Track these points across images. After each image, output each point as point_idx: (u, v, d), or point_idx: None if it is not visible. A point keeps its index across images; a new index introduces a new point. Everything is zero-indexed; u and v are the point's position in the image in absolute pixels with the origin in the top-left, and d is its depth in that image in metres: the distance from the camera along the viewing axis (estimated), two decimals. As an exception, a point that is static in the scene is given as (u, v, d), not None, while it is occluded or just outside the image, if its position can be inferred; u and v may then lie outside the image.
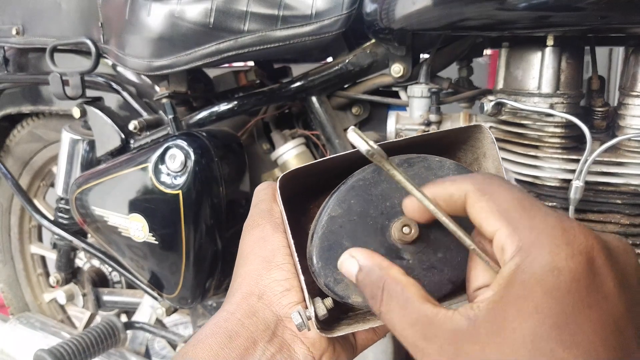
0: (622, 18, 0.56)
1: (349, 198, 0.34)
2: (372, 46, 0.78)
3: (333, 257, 0.34)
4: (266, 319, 0.37)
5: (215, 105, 0.88)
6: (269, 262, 0.39)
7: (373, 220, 0.34)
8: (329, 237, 0.34)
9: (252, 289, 0.38)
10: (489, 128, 0.73)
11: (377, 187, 0.35)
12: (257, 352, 0.36)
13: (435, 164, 0.35)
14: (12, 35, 1.02)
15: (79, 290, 1.23)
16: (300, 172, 0.37)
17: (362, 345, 0.41)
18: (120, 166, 0.83)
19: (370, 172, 0.35)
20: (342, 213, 0.34)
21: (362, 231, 0.34)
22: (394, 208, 0.34)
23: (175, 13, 0.78)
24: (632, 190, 0.66)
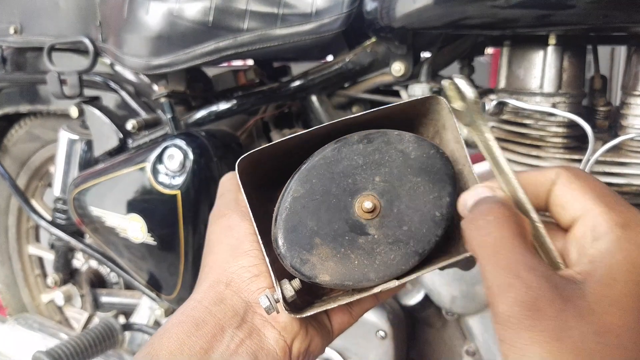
0: (625, 17, 0.56)
1: (311, 178, 0.34)
2: (372, 45, 0.77)
3: (298, 238, 0.34)
4: (234, 306, 0.37)
5: (214, 104, 0.88)
6: (236, 249, 0.39)
7: (336, 198, 0.34)
8: (293, 218, 0.34)
9: (220, 277, 0.38)
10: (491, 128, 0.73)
11: (338, 165, 0.35)
12: (225, 338, 0.35)
13: (394, 137, 0.35)
14: (10, 34, 1.02)
15: (76, 291, 1.22)
16: (260, 154, 0.36)
17: (339, 328, 0.41)
18: (118, 166, 0.83)
19: (331, 151, 0.35)
20: (305, 193, 0.34)
21: (326, 210, 0.34)
22: (356, 184, 0.35)
23: (174, 11, 0.77)
24: (634, 190, 0.66)
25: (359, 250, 0.34)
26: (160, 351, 0.34)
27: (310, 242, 0.34)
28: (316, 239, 0.34)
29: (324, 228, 0.34)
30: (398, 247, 0.35)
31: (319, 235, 0.34)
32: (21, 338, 1.24)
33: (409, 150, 0.35)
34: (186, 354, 0.34)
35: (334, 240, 0.34)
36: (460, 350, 0.82)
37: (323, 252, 0.34)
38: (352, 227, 0.34)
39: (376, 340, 0.81)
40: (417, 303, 0.82)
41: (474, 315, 0.77)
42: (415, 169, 0.35)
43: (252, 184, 0.39)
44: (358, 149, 0.35)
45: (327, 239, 0.34)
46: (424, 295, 0.81)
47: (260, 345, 0.36)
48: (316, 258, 0.34)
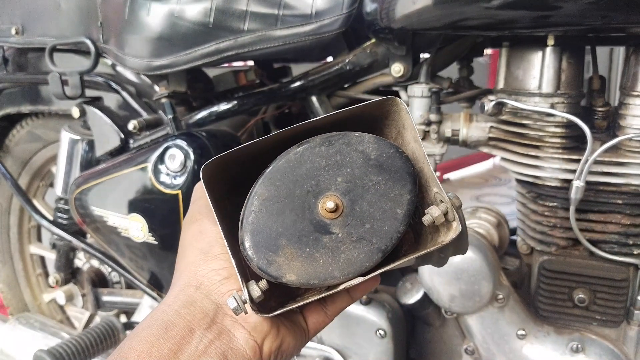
0: (623, 18, 0.56)
1: (275, 181, 0.35)
2: (372, 46, 0.78)
3: (264, 239, 0.35)
4: (204, 308, 0.37)
5: (214, 105, 0.88)
6: (207, 253, 0.39)
7: (300, 199, 0.35)
8: (258, 220, 0.35)
9: (190, 280, 0.39)
10: (490, 128, 0.74)
11: (301, 167, 0.35)
12: (194, 340, 0.35)
13: (354, 139, 0.36)
14: (12, 35, 1.02)
15: (78, 290, 1.23)
16: (224, 160, 0.37)
17: (314, 328, 0.42)
18: (119, 166, 0.83)
19: (294, 154, 0.36)
20: (269, 196, 0.35)
21: (291, 211, 0.35)
22: (319, 186, 0.35)
23: (174, 12, 0.77)
24: (632, 190, 0.66)
25: (324, 249, 0.35)
26: (130, 354, 0.35)
27: (276, 244, 0.35)
28: (282, 240, 0.35)
29: (289, 229, 0.35)
30: (362, 245, 0.36)
31: (284, 236, 0.35)
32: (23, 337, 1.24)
33: (370, 151, 0.36)
34: (155, 357, 0.34)
35: (299, 240, 0.35)
36: (460, 349, 0.82)
37: (289, 253, 0.35)
38: (317, 227, 0.35)
39: (376, 339, 0.81)
40: (416, 302, 0.82)
41: (473, 314, 0.78)
42: (376, 169, 0.36)
43: (224, 190, 0.40)
44: (320, 151, 0.36)
45: (293, 239, 0.35)
46: (423, 295, 0.81)
47: (229, 345, 0.36)
48: (282, 259, 0.35)
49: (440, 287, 0.76)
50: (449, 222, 0.36)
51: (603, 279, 0.70)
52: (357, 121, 0.39)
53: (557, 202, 0.70)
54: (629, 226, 0.67)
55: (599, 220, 0.68)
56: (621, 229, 0.68)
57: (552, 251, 0.73)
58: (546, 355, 0.75)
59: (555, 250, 0.73)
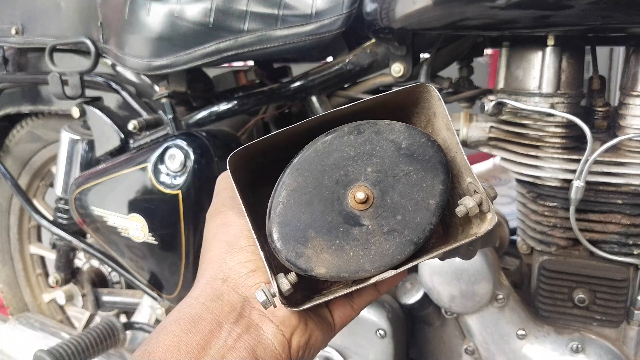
0: (623, 18, 0.56)
1: (303, 171, 0.34)
2: (372, 46, 0.78)
3: (292, 231, 0.34)
4: (231, 301, 0.36)
5: (214, 105, 0.88)
6: (232, 245, 0.39)
7: (329, 190, 0.34)
8: (286, 211, 0.34)
9: (217, 273, 0.38)
10: (490, 128, 0.73)
11: (329, 157, 0.35)
12: (222, 334, 0.35)
13: (384, 127, 0.35)
14: (12, 35, 1.02)
15: (78, 290, 1.23)
16: (251, 150, 0.36)
17: (340, 322, 0.41)
18: (119, 166, 0.83)
19: (322, 143, 0.35)
20: (297, 187, 0.34)
21: (319, 202, 0.34)
22: (348, 176, 0.35)
23: (174, 12, 0.77)
24: (632, 190, 0.66)
25: (354, 241, 0.34)
26: (157, 348, 0.34)
27: (305, 235, 0.34)
28: (310, 232, 0.34)
29: (317, 220, 0.34)
30: (393, 237, 0.35)
31: (313, 228, 0.34)
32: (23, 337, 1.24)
33: (400, 140, 0.35)
34: (183, 351, 0.34)
35: (328, 232, 0.34)
36: (460, 349, 0.82)
37: (318, 245, 0.34)
38: (346, 218, 0.34)
39: (376, 339, 0.81)
40: (416, 302, 0.82)
41: (473, 314, 0.78)
42: (407, 158, 0.35)
43: (247, 181, 0.39)
44: (349, 141, 0.35)
45: (322, 231, 0.34)
46: (423, 295, 0.81)
47: (258, 340, 0.36)
48: (311, 251, 0.34)
49: (440, 287, 0.76)
50: (482, 214, 0.35)
51: (603, 279, 0.70)
52: (385, 110, 0.38)
53: (557, 202, 0.70)
54: (629, 226, 0.67)
55: (599, 220, 0.68)
56: (621, 229, 0.68)
57: (552, 251, 0.73)
58: (546, 355, 0.75)
59: (555, 250, 0.72)
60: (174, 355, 0.33)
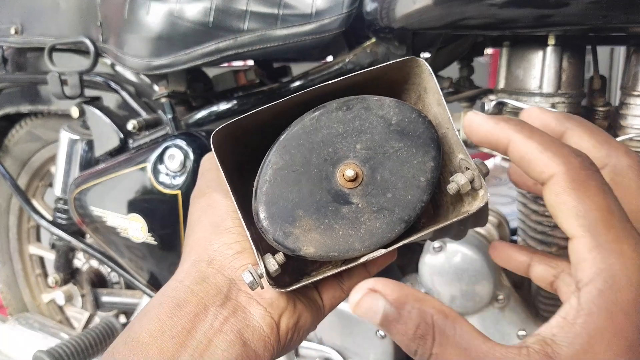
0: (624, 17, 0.56)
1: (290, 148, 0.33)
2: (372, 45, 0.78)
3: (279, 210, 0.33)
4: (217, 284, 0.35)
5: (214, 104, 0.88)
6: (218, 227, 0.38)
7: (317, 168, 0.34)
8: (274, 190, 0.33)
9: (201, 256, 0.37)
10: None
11: (317, 134, 0.34)
12: (208, 317, 0.34)
13: (374, 103, 0.34)
14: (11, 34, 1.02)
15: (77, 290, 1.23)
16: (235, 127, 0.35)
17: (330, 304, 0.40)
18: (119, 166, 0.83)
19: (309, 120, 0.34)
20: (284, 164, 0.33)
21: (307, 180, 0.33)
22: (337, 153, 0.34)
23: (174, 12, 0.77)
24: (633, 190, 0.66)
25: (343, 220, 0.34)
26: (141, 333, 0.33)
27: (293, 215, 0.33)
28: (298, 211, 0.33)
29: (306, 199, 0.33)
30: (383, 215, 0.34)
31: (301, 206, 0.33)
32: (22, 337, 1.24)
33: (390, 116, 0.34)
34: (168, 335, 0.33)
35: (317, 211, 0.33)
36: (460, 350, 0.82)
37: (306, 224, 0.33)
38: (335, 196, 0.33)
39: (376, 340, 0.81)
40: (416, 303, 0.82)
41: (474, 314, 0.77)
42: (397, 135, 0.34)
43: (234, 162, 0.38)
44: (337, 117, 0.34)
45: (310, 210, 0.33)
46: (424, 295, 0.81)
47: (245, 322, 0.35)
48: (299, 230, 0.33)
49: (441, 288, 0.76)
50: (475, 191, 0.34)
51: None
52: (374, 85, 0.37)
53: (557, 202, 0.69)
54: (629, 226, 0.67)
55: (600, 220, 0.68)
56: (622, 229, 0.67)
57: (552, 251, 0.73)
58: (547, 355, 0.74)
59: (556, 250, 0.72)
60: (159, 340, 0.33)
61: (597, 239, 0.25)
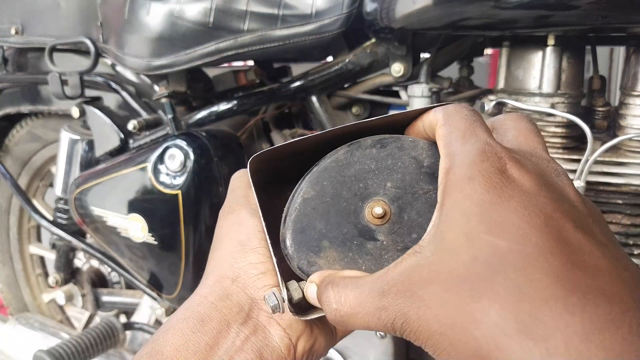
0: (623, 17, 0.56)
1: (322, 180, 0.34)
2: (372, 45, 0.78)
3: (306, 239, 0.34)
4: (240, 302, 0.36)
5: (214, 105, 0.88)
6: (244, 245, 0.38)
7: (346, 201, 0.34)
8: (302, 219, 0.34)
9: (226, 272, 0.38)
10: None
11: (350, 169, 0.34)
12: (230, 334, 0.35)
13: (408, 144, 0.35)
14: (11, 34, 1.02)
15: (78, 290, 1.23)
16: (272, 153, 0.36)
17: (342, 331, 0.41)
18: (119, 166, 0.83)
19: (343, 154, 0.34)
20: (315, 195, 0.34)
21: (335, 213, 0.34)
22: (367, 189, 0.34)
23: (174, 12, 0.77)
24: (633, 190, 0.66)
25: (367, 255, 0.34)
26: (165, 347, 0.34)
27: (319, 245, 0.34)
28: (324, 242, 0.34)
29: (332, 231, 0.34)
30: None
31: (327, 238, 0.34)
32: (22, 337, 1.24)
33: (422, 158, 0.34)
34: (191, 350, 0.34)
35: (342, 244, 0.34)
36: (460, 350, 0.82)
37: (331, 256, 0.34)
38: (361, 231, 0.34)
39: (376, 340, 0.81)
40: (416, 302, 0.82)
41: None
42: (428, 177, 0.34)
43: (262, 181, 0.39)
44: (371, 153, 0.35)
45: (336, 242, 0.34)
46: (424, 295, 0.81)
47: (265, 342, 0.36)
48: (323, 261, 0.34)
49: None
50: None
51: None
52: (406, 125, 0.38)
53: (557, 202, 0.70)
54: (629, 226, 0.67)
55: (600, 220, 0.68)
56: (621, 229, 0.67)
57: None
58: (546, 355, 0.75)
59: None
60: (182, 354, 0.33)
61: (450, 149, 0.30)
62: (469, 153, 0.28)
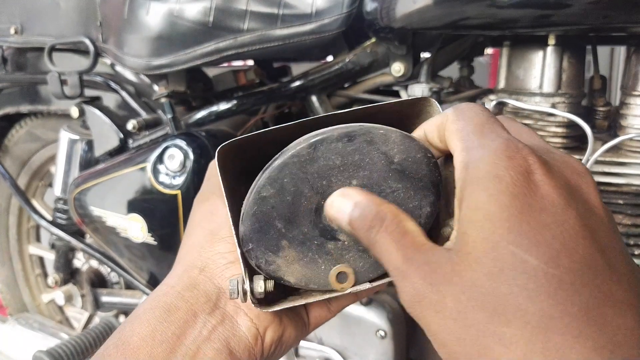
0: (624, 17, 0.56)
1: (282, 177, 0.32)
2: (372, 45, 0.78)
3: (265, 238, 0.33)
4: (207, 291, 0.36)
5: (214, 104, 0.88)
6: (214, 234, 0.38)
7: (307, 200, 0.32)
8: (260, 218, 0.32)
9: (195, 262, 0.38)
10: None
11: (313, 165, 0.32)
12: (197, 324, 0.35)
13: (378, 137, 0.32)
14: (11, 34, 1.02)
15: (77, 291, 1.23)
16: (242, 143, 0.35)
17: (315, 322, 0.41)
18: (118, 166, 0.83)
19: (307, 148, 0.31)
20: (274, 193, 0.32)
21: (295, 212, 0.32)
22: (331, 187, 0.32)
23: (174, 12, 0.77)
24: (634, 190, 0.66)
25: (327, 255, 0.33)
26: (132, 337, 0.34)
27: (277, 244, 0.33)
28: (283, 242, 0.33)
29: (292, 230, 0.33)
30: (368, 256, 0.33)
31: (286, 237, 0.33)
32: (22, 338, 1.24)
33: (393, 153, 0.32)
34: (158, 340, 0.33)
35: (301, 244, 0.33)
36: (460, 350, 0.82)
37: (290, 255, 0.33)
38: (322, 231, 0.33)
39: (376, 340, 0.81)
40: (417, 303, 0.82)
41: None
42: (397, 174, 0.32)
43: (239, 170, 0.38)
44: (337, 148, 0.32)
45: (295, 242, 0.33)
46: (424, 295, 0.81)
47: (232, 332, 0.36)
48: (282, 260, 0.33)
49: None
50: None
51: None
52: (385, 118, 0.36)
53: (558, 202, 0.69)
54: (630, 226, 0.67)
55: (600, 220, 0.68)
56: (622, 229, 0.67)
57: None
58: (547, 355, 0.74)
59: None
60: (149, 344, 0.33)
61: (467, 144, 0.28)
62: (490, 148, 0.26)
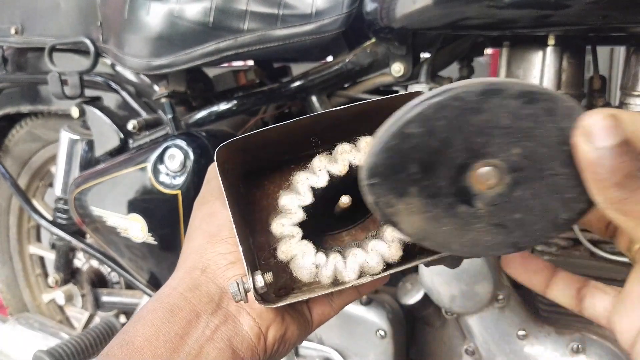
0: (623, 17, 0.56)
1: (437, 118, 0.27)
2: (372, 45, 0.78)
3: (393, 177, 0.28)
4: (209, 292, 0.37)
5: (214, 104, 0.88)
6: (215, 236, 0.39)
7: (455, 153, 0.28)
8: (396, 154, 0.27)
9: (196, 263, 0.38)
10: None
11: (476, 116, 0.27)
12: (200, 324, 0.35)
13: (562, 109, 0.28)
14: (11, 34, 1.02)
15: (77, 290, 1.23)
16: (242, 143, 0.35)
17: (318, 319, 0.41)
18: (119, 166, 0.83)
19: (476, 94, 0.27)
20: (421, 132, 0.27)
21: (437, 161, 0.28)
22: (486, 147, 0.28)
23: (174, 12, 0.77)
24: (633, 190, 0.66)
25: (454, 218, 0.29)
26: (136, 337, 0.34)
27: (404, 189, 0.28)
28: (412, 188, 0.28)
29: (426, 180, 0.28)
30: (498, 232, 0.29)
31: (417, 185, 0.28)
32: (22, 337, 1.24)
33: (570, 133, 0.27)
34: (161, 340, 0.34)
35: (431, 197, 0.29)
36: (460, 350, 0.82)
37: (414, 204, 0.29)
38: (458, 192, 0.29)
39: (376, 340, 0.81)
40: (416, 302, 0.82)
41: (473, 314, 0.77)
42: (567, 158, 0.28)
43: (240, 171, 0.38)
44: (510, 106, 0.27)
45: (424, 193, 0.28)
46: (424, 295, 0.81)
47: (235, 331, 0.36)
48: (403, 207, 0.29)
49: (441, 288, 0.76)
50: None
51: (604, 279, 0.69)
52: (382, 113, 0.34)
53: (557, 202, 0.69)
54: (629, 226, 0.67)
55: (600, 220, 0.68)
56: (622, 229, 0.67)
57: (552, 251, 0.73)
58: (547, 355, 0.74)
59: (556, 250, 0.72)
60: (153, 344, 0.34)
61: None
62: None
